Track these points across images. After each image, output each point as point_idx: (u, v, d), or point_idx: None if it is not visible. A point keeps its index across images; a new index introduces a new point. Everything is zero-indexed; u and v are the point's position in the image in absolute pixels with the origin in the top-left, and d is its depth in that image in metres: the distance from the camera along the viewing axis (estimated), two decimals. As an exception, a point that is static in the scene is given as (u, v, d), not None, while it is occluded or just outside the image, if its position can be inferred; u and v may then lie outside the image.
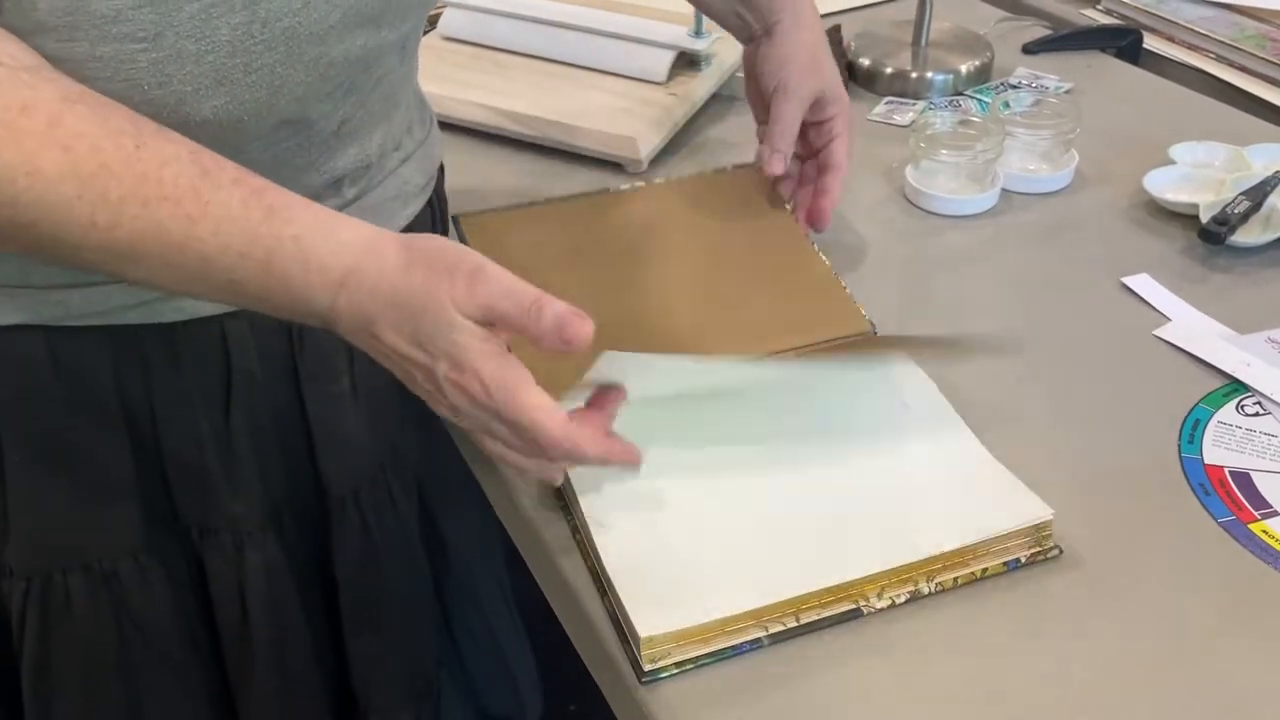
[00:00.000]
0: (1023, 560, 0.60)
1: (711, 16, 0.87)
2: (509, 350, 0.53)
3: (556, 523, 0.64)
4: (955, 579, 0.59)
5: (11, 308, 0.60)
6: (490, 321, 0.52)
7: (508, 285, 0.52)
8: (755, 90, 0.84)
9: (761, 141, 0.83)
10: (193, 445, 0.65)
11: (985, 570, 0.59)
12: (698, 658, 0.55)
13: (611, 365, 0.56)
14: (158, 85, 0.52)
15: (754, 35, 0.83)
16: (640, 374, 0.58)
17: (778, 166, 0.81)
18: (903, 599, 0.58)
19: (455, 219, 0.82)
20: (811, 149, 0.84)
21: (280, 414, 0.67)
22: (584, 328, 0.52)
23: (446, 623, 0.84)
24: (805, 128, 0.82)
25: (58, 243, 0.49)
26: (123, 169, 0.48)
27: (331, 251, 0.51)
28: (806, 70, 0.80)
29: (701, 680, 0.55)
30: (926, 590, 0.58)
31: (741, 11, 0.83)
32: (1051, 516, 0.60)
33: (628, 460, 0.57)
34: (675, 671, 0.55)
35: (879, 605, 0.57)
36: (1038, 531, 0.60)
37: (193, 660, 0.70)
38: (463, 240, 0.79)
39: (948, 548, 0.58)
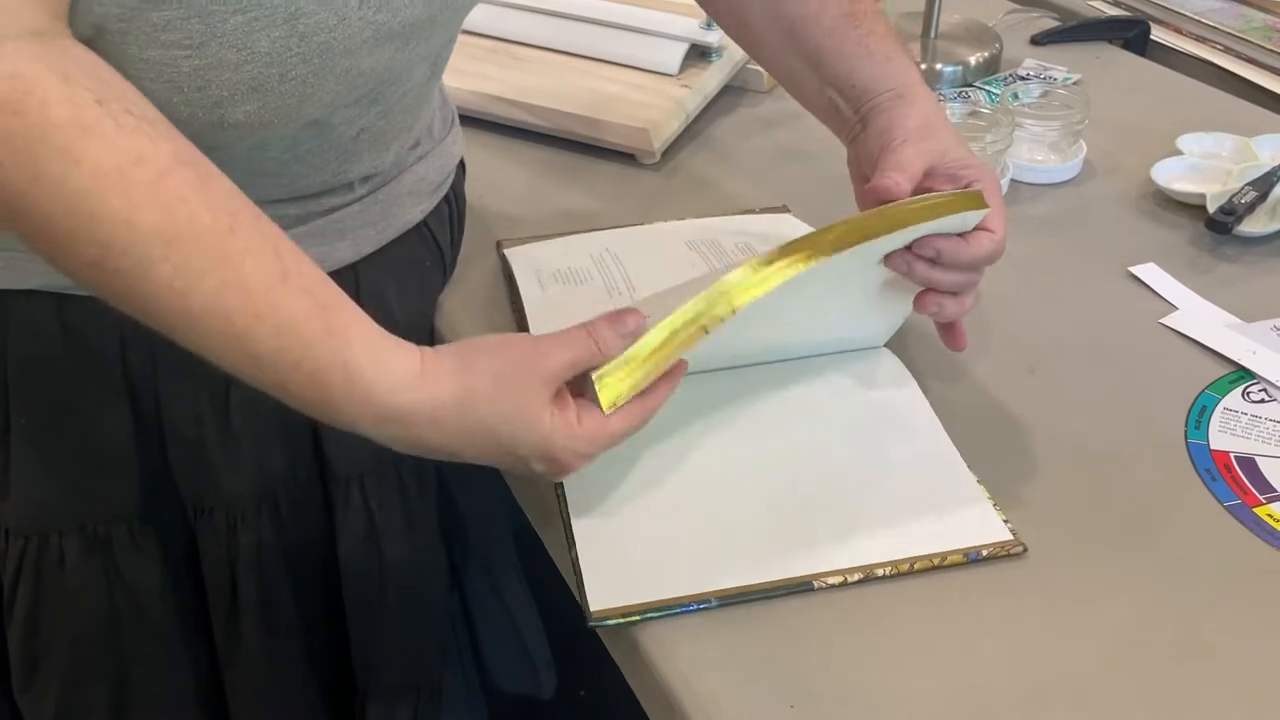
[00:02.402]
0: (984, 555, 0.60)
1: (806, 106, 0.76)
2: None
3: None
4: (912, 564, 0.59)
5: (26, 273, 0.61)
6: (563, 380, 0.56)
7: (561, 339, 0.56)
8: (860, 185, 0.71)
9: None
10: (192, 421, 0.66)
11: (945, 559, 0.59)
12: (645, 608, 0.57)
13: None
14: (197, 89, 0.54)
15: (854, 129, 0.71)
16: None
17: (883, 182, 0.64)
18: (856, 578, 0.59)
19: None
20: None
21: None
22: (634, 315, 0.57)
23: (464, 605, 0.85)
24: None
25: (132, 292, 0.50)
26: (211, 244, 0.49)
27: (378, 384, 0.52)
28: (917, 132, 0.67)
29: (709, 637, 0.56)
30: (881, 573, 0.59)
31: (835, 97, 0.72)
32: (1010, 538, 0.60)
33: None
34: (621, 620, 0.57)
35: (831, 581, 0.58)
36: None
37: (181, 634, 0.71)
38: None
39: (903, 555, 0.59)
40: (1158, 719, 0.53)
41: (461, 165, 0.82)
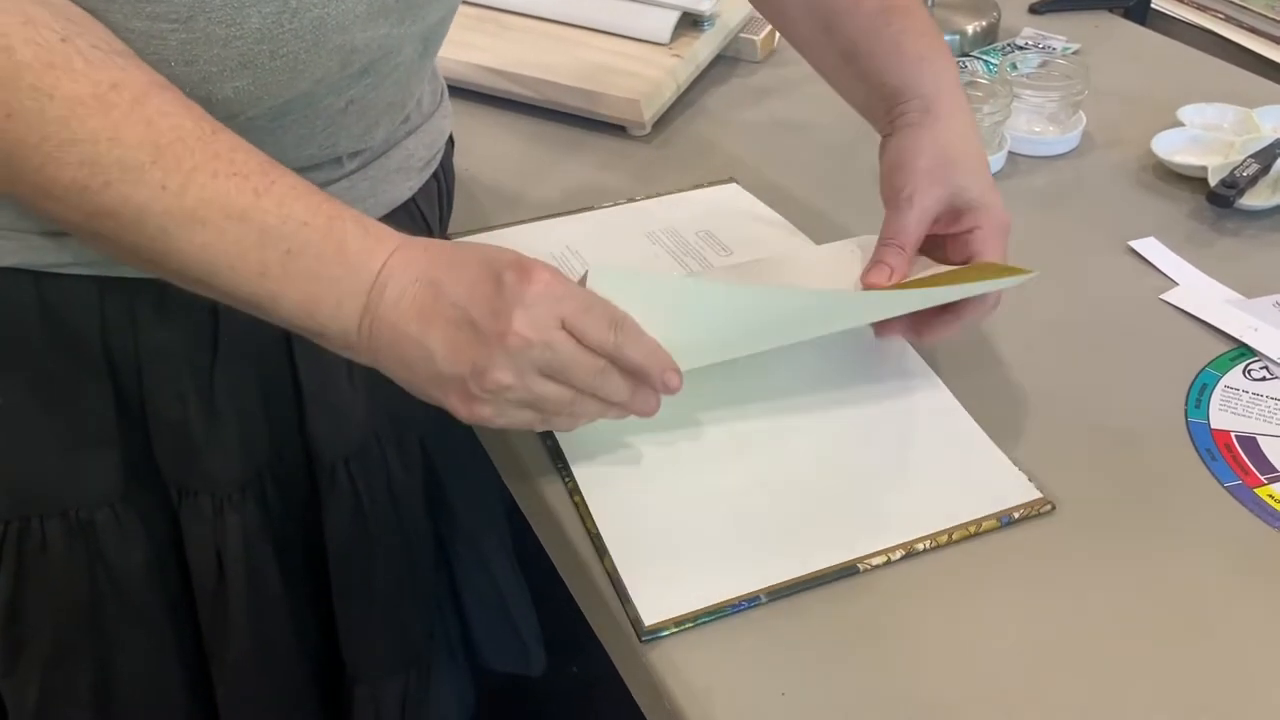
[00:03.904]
0: (1016, 517, 0.60)
1: (845, 99, 0.75)
2: None
3: (558, 482, 0.64)
4: (950, 535, 0.59)
5: (4, 250, 0.60)
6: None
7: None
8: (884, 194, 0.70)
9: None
10: (176, 403, 0.65)
11: (981, 526, 0.60)
12: (697, 614, 0.56)
13: (604, 282, 0.56)
14: (185, 63, 0.53)
15: (885, 130, 0.71)
16: (635, 293, 0.57)
17: (875, 276, 0.65)
18: (898, 556, 0.58)
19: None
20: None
21: (269, 379, 0.67)
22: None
23: (453, 585, 0.85)
24: (943, 241, 0.68)
25: (125, 204, 0.51)
26: (198, 144, 0.51)
27: (381, 227, 0.55)
28: (926, 174, 0.66)
29: (703, 635, 0.55)
30: (922, 547, 0.59)
31: (869, 95, 0.71)
32: (1039, 496, 0.61)
33: (666, 375, 0.57)
34: (675, 630, 0.55)
35: (875, 563, 0.58)
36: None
37: (166, 618, 0.70)
38: None
39: (938, 528, 0.59)
40: (1157, 695, 0.52)
41: (450, 140, 0.80)
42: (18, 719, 0.70)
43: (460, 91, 0.98)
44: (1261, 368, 0.71)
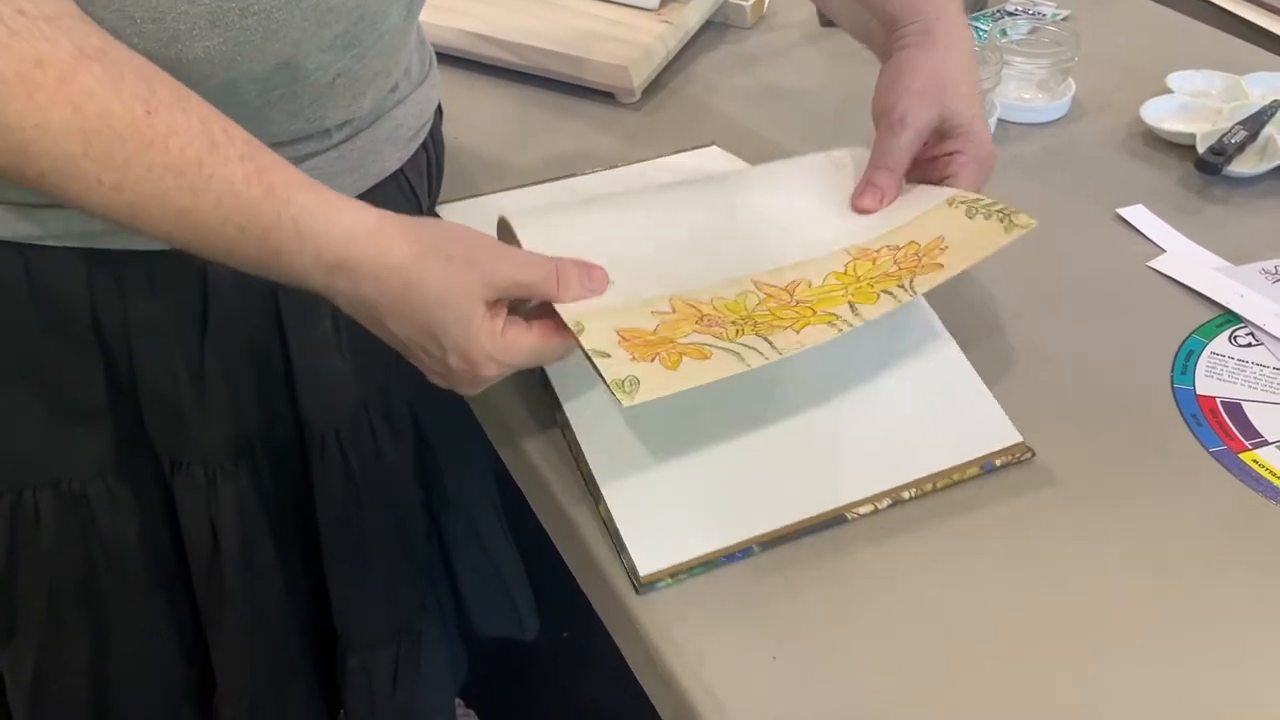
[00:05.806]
0: (998, 464, 0.61)
1: (843, 26, 0.75)
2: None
3: (548, 446, 0.64)
4: (935, 483, 0.60)
5: None
6: (508, 296, 0.55)
7: (524, 258, 0.57)
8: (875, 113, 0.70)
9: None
10: (166, 375, 0.65)
11: (965, 474, 0.61)
12: (691, 565, 0.56)
13: (531, 230, 0.57)
14: (151, 21, 0.52)
15: (884, 55, 0.70)
16: (563, 230, 0.58)
17: (866, 200, 0.66)
18: (885, 504, 0.59)
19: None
20: None
21: (258, 350, 0.67)
22: (601, 273, 0.57)
23: (444, 552, 0.85)
24: (923, 163, 0.68)
25: (65, 193, 0.50)
26: (129, 133, 0.48)
27: (329, 234, 0.52)
28: (920, 95, 0.65)
29: (691, 587, 0.56)
30: (908, 495, 0.60)
31: (870, 21, 0.71)
32: (1019, 440, 0.62)
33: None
34: (670, 582, 0.56)
35: (863, 512, 0.59)
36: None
37: (161, 589, 0.71)
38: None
39: (927, 471, 0.60)
40: (1140, 656, 0.53)
41: (439, 110, 0.79)
42: (15, 691, 0.71)
43: (445, 58, 0.97)
44: (1247, 334, 0.71)
